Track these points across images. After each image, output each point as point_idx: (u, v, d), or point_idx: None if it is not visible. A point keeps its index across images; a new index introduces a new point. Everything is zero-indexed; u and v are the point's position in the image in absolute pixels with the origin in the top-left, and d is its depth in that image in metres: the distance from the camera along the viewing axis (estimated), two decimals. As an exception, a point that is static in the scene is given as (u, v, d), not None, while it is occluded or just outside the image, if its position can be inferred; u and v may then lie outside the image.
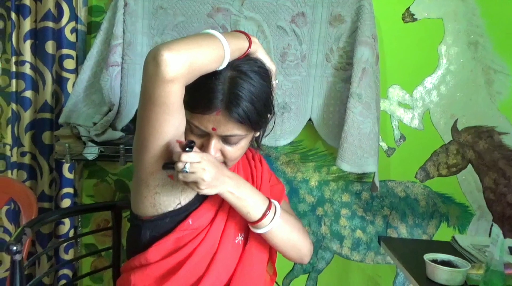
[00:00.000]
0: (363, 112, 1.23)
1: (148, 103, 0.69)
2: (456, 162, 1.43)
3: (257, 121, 0.77)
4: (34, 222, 0.88)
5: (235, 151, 0.80)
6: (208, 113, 0.74)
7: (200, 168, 0.71)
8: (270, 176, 0.98)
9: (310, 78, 1.33)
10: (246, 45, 0.78)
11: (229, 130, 0.75)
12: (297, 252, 0.86)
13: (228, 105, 0.73)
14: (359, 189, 1.46)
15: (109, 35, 1.30)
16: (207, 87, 0.74)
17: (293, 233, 0.84)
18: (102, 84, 1.26)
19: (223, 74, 0.74)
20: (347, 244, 1.48)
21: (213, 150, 0.77)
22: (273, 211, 0.81)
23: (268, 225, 0.80)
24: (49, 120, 1.41)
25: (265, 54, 0.82)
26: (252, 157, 0.97)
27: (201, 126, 0.76)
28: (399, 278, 1.48)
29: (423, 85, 1.42)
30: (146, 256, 0.80)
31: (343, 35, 1.30)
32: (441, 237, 1.44)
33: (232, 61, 0.75)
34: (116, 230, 1.14)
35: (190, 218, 0.80)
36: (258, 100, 0.76)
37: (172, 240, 0.80)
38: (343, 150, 1.23)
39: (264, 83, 0.78)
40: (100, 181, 1.52)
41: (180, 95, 0.69)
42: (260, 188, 0.91)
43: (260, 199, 0.81)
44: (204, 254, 0.80)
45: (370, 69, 1.25)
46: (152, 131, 0.72)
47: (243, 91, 0.74)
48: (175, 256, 0.80)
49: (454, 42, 1.39)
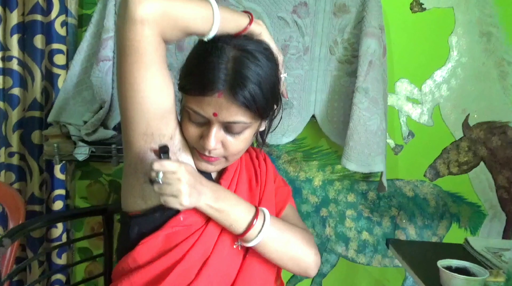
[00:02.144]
0: (370, 108, 1.16)
1: (121, 52, 0.65)
2: (467, 160, 1.37)
3: (264, 107, 0.70)
4: (14, 231, 0.81)
5: (238, 143, 0.72)
6: (209, 95, 0.66)
7: (175, 178, 0.63)
8: (275, 177, 0.90)
9: (313, 72, 1.26)
10: (245, 20, 0.72)
11: (232, 115, 0.68)
12: (297, 264, 0.76)
13: (232, 85, 0.66)
14: (365, 189, 1.39)
15: (100, 28, 1.24)
16: (207, 65, 0.67)
17: (290, 244, 0.75)
18: (93, 80, 1.20)
19: (225, 52, 0.67)
20: (353, 246, 1.42)
21: (213, 140, 0.70)
22: (260, 221, 0.72)
23: (256, 237, 0.71)
24: (38, 119, 1.35)
25: (271, 40, 0.75)
26: (256, 156, 0.90)
27: (201, 111, 0.68)
28: (408, 282, 1.42)
29: (432, 79, 1.35)
30: (134, 255, 0.73)
31: (348, 26, 1.23)
32: (452, 239, 1.38)
33: (236, 41, 0.69)
34: (108, 235, 1.07)
35: (182, 214, 0.72)
36: (266, 83, 0.69)
37: (162, 238, 0.72)
38: (348, 148, 1.16)
39: (272, 67, 0.71)
40: (93, 182, 1.46)
41: (153, 44, 0.64)
42: (263, 190, 0.83)
43: (244, 210, 0.72)
44: (197, 259, 0.72)
45: (377, 62, 1.18)
46: (128, 89, 0.67)
47: (249, 71, 0.67)
48: (165, 259, 0.71)
49: (466, 33, 1.32)
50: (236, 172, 0.82)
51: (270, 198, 0.83)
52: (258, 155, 0.90)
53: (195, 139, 0.73)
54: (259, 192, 0.83)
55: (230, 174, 0.80)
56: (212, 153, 0.72)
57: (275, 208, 0.84)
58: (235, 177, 0.81)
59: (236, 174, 0.81)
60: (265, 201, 0.82)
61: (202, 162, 0.75)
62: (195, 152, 0.75)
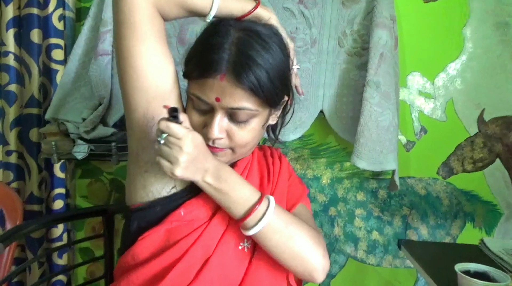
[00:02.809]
0: (382, 103, 1.10)
1: (116, 25, 0.64)
2: (482, 156, 1.31)
3: (271, 94, 0.65)
4: (8, 234, 0.77)
5: (244, 133, 0.67)
6: (211, 77, 0.62)
7: (177, 145, 0.60)
8: (289, 176, 0.85)
9: (321, 66, 1.20)
10: (251, 3, 0.68)
11: (236, 101, 0.63)
12: (300, 264, 0.67)
13: (236, 67, 0.61)
14: (375, 187, 1.34)
15: (98, 21, 1.19)
16: (209, 46, 0.63)
17: (294, 239, 0.66)
18: (91, 75, 1.16)
19: (230, 33, 0.63)
20: (362, 246, 1.37)
21: (216, 128, 0.65)
22: (264, 207, 0.65)
23: (257, 224, 0.64)
24: (36, 116, 1.31)
25: (280, 26, 0.71)
26: (271, 154, 0.84)
27: (203, 96, 0.64)
28: (419, 283, 1.37)
29: (446, 72, 1.29)
30: (134, 251, 0.69)
31: (357, 16, 1.17)
32: (466, 239, 1.32)
33: (243, 23, 0.65)
34: (108, 237, 1.03)
35: (183, 208, 0.68)
36: (274, 69, 0.64)
37: (162, 233, 0.68)
38: (359, 146, 1.10)
39: (282, 53, 0.66)
40: (94, 181, 1.42)
41: (148, 15, 0.63)
42: (275, 187, 0.78)
43: (247, 193, 0.66)
44: (197, 258, 0.67)
45: (388, 54, 1.12)
46: (125, 65, 0.65)
47: (255, 53, 0.62)
48: (164, 256, 0.67)
49: (481, 24, 1.26)
50: (246, 168, 0.77)
51: (281, 196, 0.78)
52: (273, 153, 0.85)
53: (199, 128, 0.68)
54: (270, 189, 0.78)
55: (239, 170, 0.75)
56: (216, 143, 0.68)
57: (286, 205, 0.79)
58: (244, 173, 0.76)
59: (246, 170, 0.77)
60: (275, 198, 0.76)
61: None
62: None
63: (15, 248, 1.16)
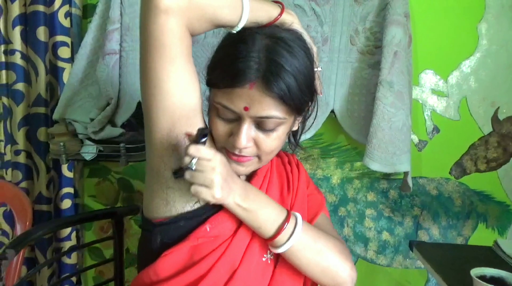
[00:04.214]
0: (395, 103, 1.07)
1: (144, 46, 0.61)
2: (496, 156, 1.28)
3: (300, 100, 0.63)
4: (19, 240, 0.77)
5: (271, 141, 0.66)
6: (239, 86, 0.60)
7: (210, 166, 0.58)
8: (307, 184, 0.83)
9: (332, 64, 1.17)
10: (276, 9, 0.66)
11: (265, 109, 0.62)
12: (330, 278, 0.68)
13: (266, 75, 0.60)
14: (386, 187, 1.32)
15: (105, 19, 1.17)
16: (236, 54, 0.61)
17: (323, 253, 0.68)
18: (99, 75, 1.14)
19: (257, 41, 0.61)
20: (373, 247, 1.35)
21: (244, 137, 0.64)
22: (292, 226, 0.66)
23: (286, 242, 0.65)
24: (44, 115, 1.30)
25: (304, 31, 0.69)
26: (289, 162, 0.83)
27: (230, 105, 0.62)
28: (430, 284, 1.35)
29: (459, 70, 1.26)
30: (156, 268, 0.67)
31: (370, 14, 1.14)
32: (478, 240, 1.30)
33: (267, 29, 0.64)
34: (118, 240, 1.02)
35: (208, 224, 0.66)
36: (301, 75, 0.62)
37: (186, 250, 0.66)
38: (371, 147, 1.08)
39: (307, 58, 0.65)
40: (102, 180, 1.41)
41: (179, 37, 0.59)
42: (295, 197, 0.77)
43: (274, 212, 0.67)
44: (223, 273, 0.66)
45: (402, 52, 1.09)
46: (152, 86, 0.62)
47: (284, 60, 0.60)
48: (188, 273, 0.66)
49: (497, 19, 1.22)
50: (266, 177, 0.75)
51: (302, 206, 0.77)
52: (290, 160, 0.84)
53: (224, 137, 0.67)
54: (291, 200, 0.77)
55: (259, 180, 0.74)
56: (243, 152, 0.66)
57: (307, 216, 0.78)
58: (264, 183, 0.75)
59: (266, 180, 0.75)
60: (296, 209, 0.75)
61: (232, 163, 0.68)
62: (224, 152, 0.68)
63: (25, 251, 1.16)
